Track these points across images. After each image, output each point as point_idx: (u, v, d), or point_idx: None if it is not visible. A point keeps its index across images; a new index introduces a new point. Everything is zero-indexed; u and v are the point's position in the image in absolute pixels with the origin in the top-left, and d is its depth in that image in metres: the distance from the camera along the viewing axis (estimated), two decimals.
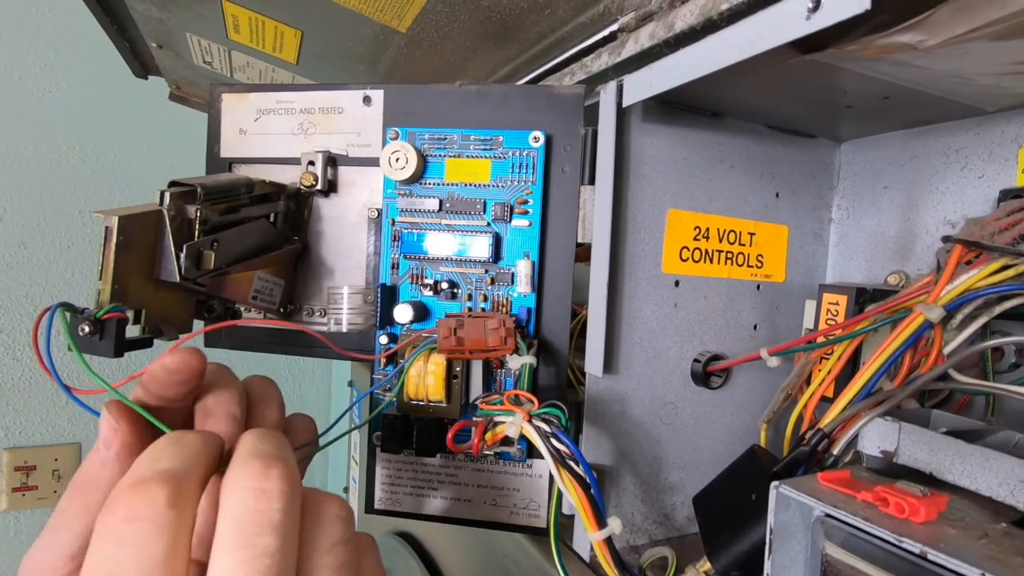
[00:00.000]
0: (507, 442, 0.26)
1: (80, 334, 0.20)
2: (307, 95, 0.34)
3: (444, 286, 0.32)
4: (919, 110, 0.32)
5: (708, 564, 0.26)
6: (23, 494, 1.04)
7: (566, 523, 0.33)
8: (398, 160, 0.31)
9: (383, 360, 0.32)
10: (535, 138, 0.31)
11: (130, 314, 0.23)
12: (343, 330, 0.31)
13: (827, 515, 0.20)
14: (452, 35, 0.39)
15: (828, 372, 0.29)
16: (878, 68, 0.25)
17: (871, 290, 0.30)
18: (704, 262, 0.34)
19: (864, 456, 0.24)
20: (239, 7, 0.43)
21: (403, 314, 0.31)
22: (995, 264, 0.24)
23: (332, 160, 0.34)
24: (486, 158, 0.31)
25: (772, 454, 0.29)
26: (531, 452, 0.31)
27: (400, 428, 0.31)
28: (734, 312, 0.36)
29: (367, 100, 0.33)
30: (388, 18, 0.39)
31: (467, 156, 0.31)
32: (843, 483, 0.21)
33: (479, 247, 0.31)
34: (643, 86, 0.28)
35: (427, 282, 0.32)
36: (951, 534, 0.18)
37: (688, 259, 0.34)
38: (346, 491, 1.01)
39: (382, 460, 0.33)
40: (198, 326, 0.31)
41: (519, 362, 0.28)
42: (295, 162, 0.34)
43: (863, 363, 0.26)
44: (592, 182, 0.31)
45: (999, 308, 0.26)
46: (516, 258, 0.31)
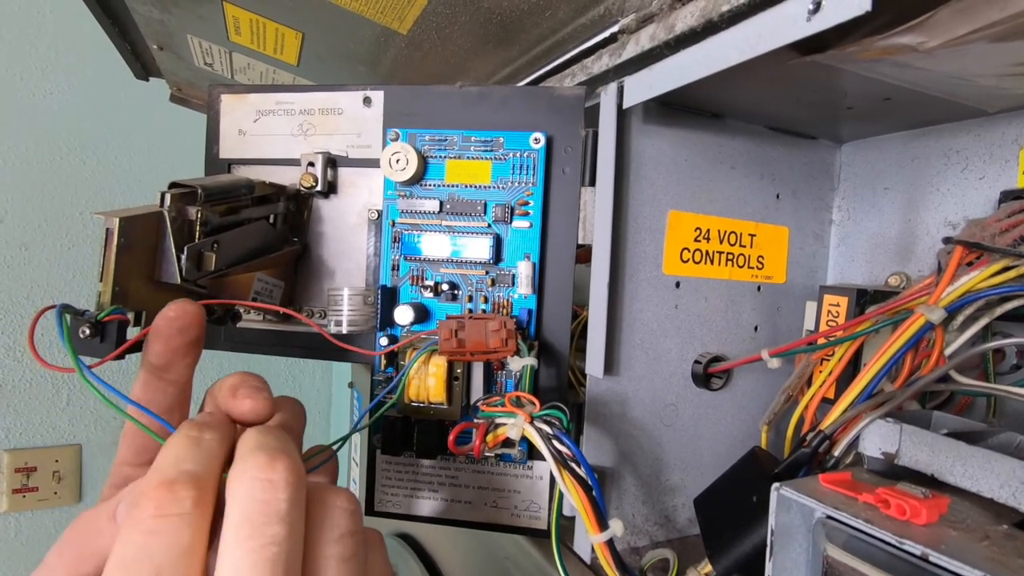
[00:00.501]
0: (508, 444, 0.26)
1: (81, 336, 0.20)
2: (307, 96, 0.34)
3: (444, 288, 0.32)
4: (920, 111, 0.32)
5: (709, 566, 0.26)
6: (23, 495, 1.04)
7: (567, 525, 0.33)
8: (398, 161, 0.31)
9: (383, 360, 0.32)
10: (536, 139, 0.31)
11: (131, 316, 0.23)
12: (343, 331, 0.31)
13: (828, 517, 0.20)
14: (453, 37, 0.39)
15: (829, 373, 0.29)
16: (879, 69, 0.25)
17: (872, 291, 0.30)
18: (705, 263, 0.34)
19: (865, 458, 0.24)
20: (240, 9, 0.44)
21: (404, 316, 0.31)
22: (996, 265, 0.24)
23: (332, 161, 0.34)
24: (487, 159, 0.31)
25: (773, 456, 0.29)
26: (532, 454, 0.31)
27: (401, 430, 0.31)
28: (735, 313, 0.36)
29: (367, 101, 0.33)
30: (389, 20, 0.39)
31: (468, 157, 0.31)
32: (844, 485, 0.21)
33: (479, 248, 0.31)
34: (644, 87, 0.28)
35: (427, 284, 0.32)
36: (952, 536, 0.18)
37: (689, 260, 0.34)
38: None
39: (382, 462, 0.33)
40: None
41: (520, 364, 0.28)
42: (295, 163, 0.34)
43: (864, 364, 0.26)
44: (593, 183, 0.31)
45: (1000, 309, 0.26)
46: (517, 259, 0.31)
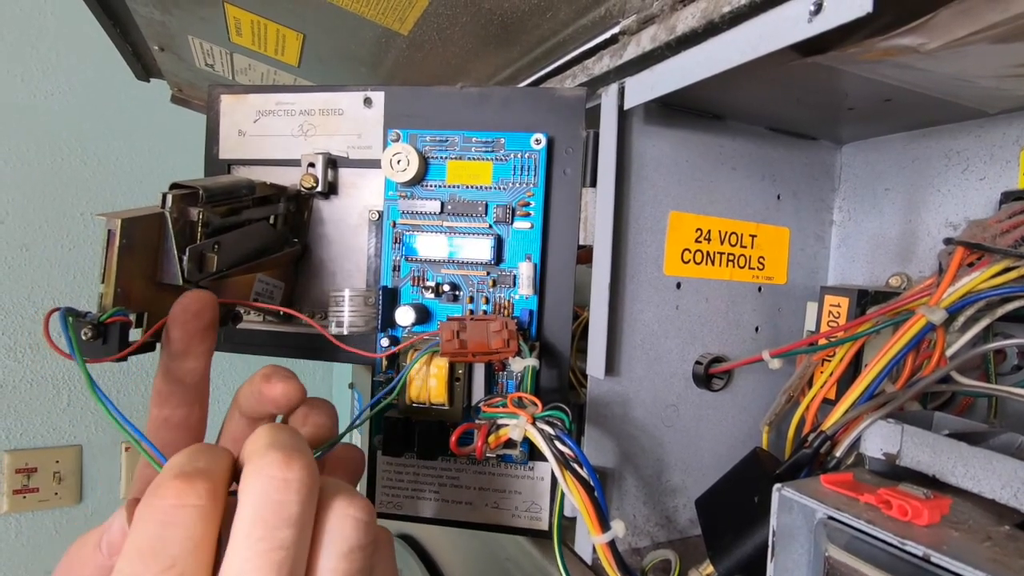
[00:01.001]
0: (509, 445, 0.26)
1: (83, 338, 0.20)
2: (307, 96, 0.34)
3: (446, 288, 0.32)
4: (920, 112, 0.32)
5: (711, 567, 0.26)
6: (24, 496, 1.04)
7: (568, 525, 0.33)
8: (399, 162, 0.31)
9: (384, 361, 0.32)
10: (537, 140, 0.31)
11: (133, 317, 0.23)
12: (344, 333, 0.31)
13: (830, 518, 0.20)
14: (454, 37, 0.39)
15: (830, 374, 0.29)
16: (880, 71, 0.25)
17: (873, 292, 0.30)
18: (706, 264, 0.34)
19: (867, 458, 0.24)
20: (241, 10, 0.44)
21: (405, 317, 0.31)
22: (997, 266, 0.24)
23: (332, 162, 0.34)
24: (488, 160, 0.31)
25: (774, 456, 0.29)
26: (533, 454, 0.31)
27: (402, 431, 0.31)
28: (736, 314, 0.36)
29: (368, 102, 0.33)
30: (390, 21, 0.39)
31: (468, 158, 0.31)
32: (846, 485, 0.21)
33: (480, 249, 0.31)
34: (645, 88, 0.28)
35: (428, 284, 0.32)
36: (954, 537, 0.18)
37: (690, 261, 0.34)
38: None
39: (383, 463, 0.33)
40: None
41: (521, 364, 0.28)
42: (295, 164, 0.34)
43: (865, 365, 0.26)
44: (594, 184, 0.31)
45: (1001, 310, 0.26)
46: (518, 260, 0.31)
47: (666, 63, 0.27)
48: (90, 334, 0.20)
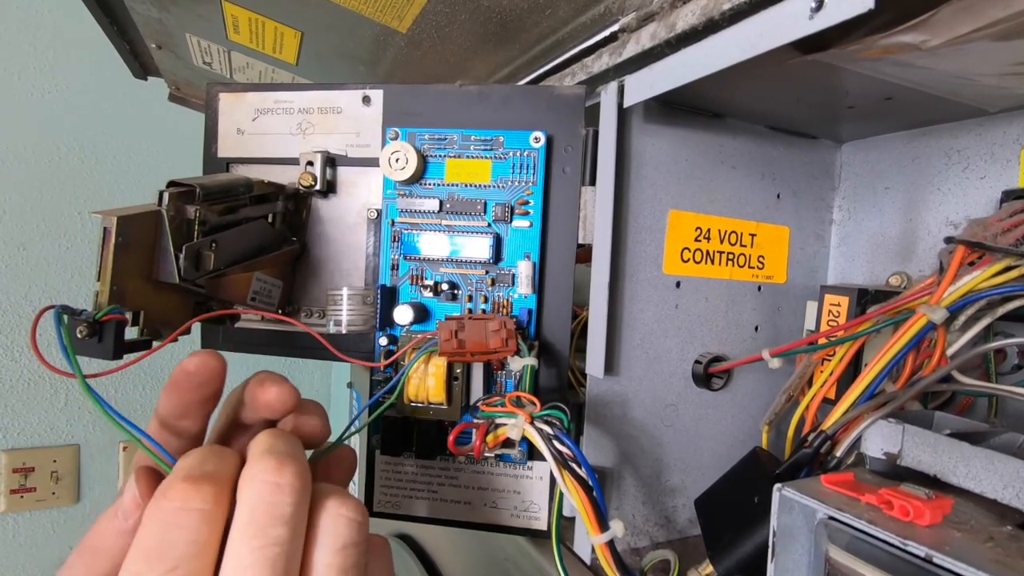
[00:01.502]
0: (508, 444, 0.26)
1: (78, 336, 0.20)
2: (305, 95, 0.34)
3: (444, 287, 0.32)
4: (921, 111, 0.32)
5: (710, 567, 0.26)
6: (21, 496, 1.04)
7: (567, 525, 0.33)
8: (398, 160, 0.31)
9: (382, 365, 0.32)
10: (536, 139, 0.31)
11: (129, 316, 0.23)
12: (342, 332, 0.31)
13: (831, 518, 0.20)
14: (452, 36, 0.39)
15: (830, 374, 0.28)
16: (880, 68, 0.25)
17: (873, 291, 0.30)
18: (705, 263, 0.34)
19: (867, 458, 0.24)
20: (239, 8, 0.43)
21: (403, 315, 0.31)
22: (998, 265, 0.23)
23: (331, 160, 0.34)
24: (487, 158, 0.31)
25: (774, 456, 0.29)
26: (532, 454, 0.31)
27: (400, 430, 0.31)
28: (735, 313, 0.36)
29: (366, 100, 0.33)
30: (388, 19, 0.39)
31: (467, 156, 0.31)
32: (846, 485, 0.21)
33: (479, 248, 0.31)
34: (644, 86, 0.28)
35: (427, 283, 0.32)
36: (956, 537, 0.18)
37: (689, 260, 0.33)
38: None
39: (382, 462, 0.33)
40: (196, 327, 0.31)
41: (520, 364, 0.28)
42: (293, 162, 0.34)
43: (865, 365, 0.25)
44: (593, 183, 0.31)
45: (1002, 309, 0.25)
46: (517, 259, 0.31)
47: (666, 61, 0.27)
48: (85, 332, 0.20)
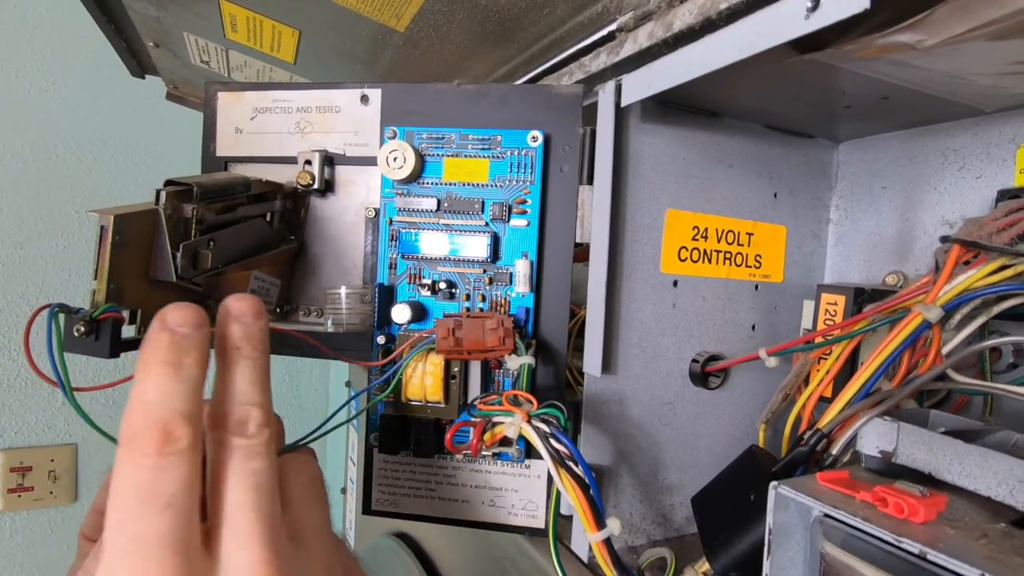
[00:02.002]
0: (505, 443, 0.26)
1: (75, 335, 0.20)
2: (304, 94, 0.34)
3: (442, 286, 0.32)
4: (917, 110, 0.32)
5: (707, 565, 0.26)
6: (19, 495, 1.03)
7: (564, 524, 0.33)
8: (396, 159, 0.31)
9: (380, 363, 0.32)
10: (533, 138, 0.31)
11: (126, 314, 0.23)
12: (341, 330, 0.31)
13: (826, 515, 0.20)
14: (450, 34, 0.39)
15: (826, 372, 0.29)
16: (877, 68, 0.25)
17: (869, 290, 0.30)
18: (702, 262, 0.34)
19: (863, 456, 0.24)
20: (237, 6, 0.43)
21: (401, 314, 0.31)
22: (993, 264, 0.24)
23: (329, 159, 0.34)
24: (484, 158, 0.31)
25: (771, 454, 0.29)
26: (529, 452, 0.31)
27: (398, 429, 0.31)
28: (732, 312, 0.36)
29: (364, 99, 0.33)
30: (386, 17, 0.39)
31: (465, 156, 0.31)
32: (842, 483, 0.21)
33: (477, 247, 0.31)
34: (642, 86, 0.28)
35: (425, 282, 0.32)
36: (950, 534, 0.18)
37: (687, 259, 0.34)
38: (344, 492, 1.01)
39: (380, 461, 0.33)
40: None
41: (518, 362, 0.28)
42: (292, 161, 0.34)
43: (861, 363, 0.26)
44: (590, 182, 0.31)
45: (997, 308, 0.26)
46: (514, 258, 0.31)
47: (663, 60, 0.27)
48: (83, 330, 0.20)
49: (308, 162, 0.33)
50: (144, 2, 0.47)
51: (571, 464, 0.23)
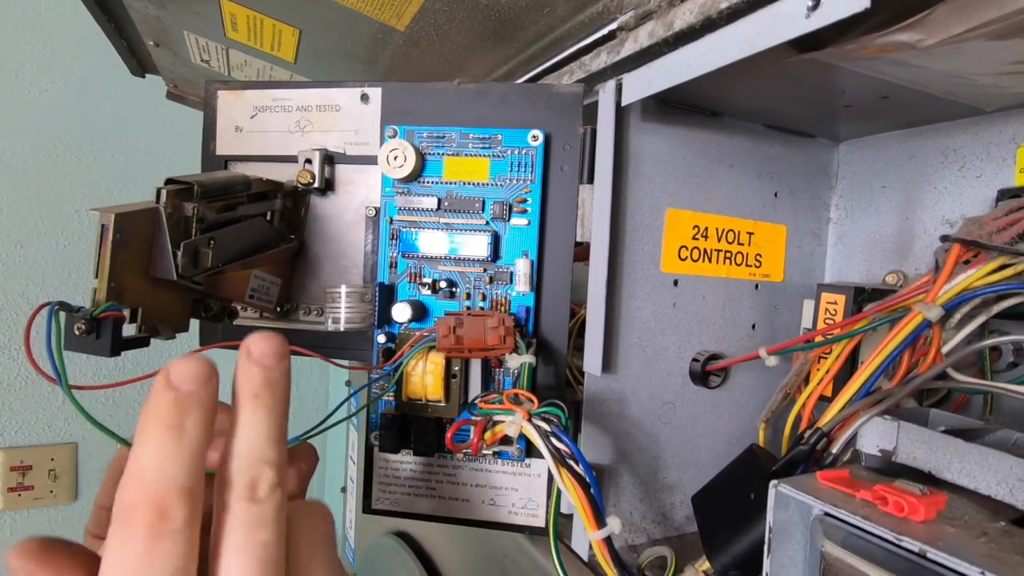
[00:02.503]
0: (506, 441, 0.26)
1: (76, 333, 0.20)
2: (304, 92, 0.34)
3: (443, 285, 0.32)
4: (917, 110, 0.32)
5: (707, 563, 0.26)
6: (19, 494, 1.03)
7: (564, 523, 0.33)
8: (396, 158, 0.31)
9: (381, 359, 0.32)
10: (534, 137, 0.31)
11: (126, 313, 0.23)
12: (340, 329, 0.31)
13: (826, 514, 0.20)
14: (451, 34, 0.39)
15: (826, 371, 0.29)
16: (877, 67, 0.25)
17: (869, 289, 0.30)
18: (703, 261, 0.34)
19: (863, 455, 0.24)
20: (237, 5, 0.43)
21: (401, 313, 0.31)
22: (993, 263, 0.24)
23: (329, 158, 0.34)
24: (485, 157, 0.31)
25: (771, 453, 0.29)
26: (530, 451, 0.31)
27: (398, 428, 0.31)
28: (732, 311, 0.36)
29: (365, 98, 0.33)
30: (387, 16, 0.39)
31: (466, 154, 0.31)
32: (842, 482, 0.21)
33: (478, 246, 0.31)
34: (642, 85, 0.28)
35: (425, 281, 0.32)
36: (950, 533, 0.18)
37: (687, 258, 0.34)
38: (344, 491, 1.01)
39: (380, 460, 0.33)
40: (194, 325, 0.31)
41: (518, 361, 0.28)
42: (292, 160, 0.34)
43: (861, 362, 0.26)
44: (591, 181, 0.31)
45: (997, 307, 0.26)
46: (515, 257, 0.31)
47: (663, 59, 0.27)
48: (83, 328, 0.20)
49: (308, 161, 0.33)
50: (144, 1, 0.47)
51: (571, 463, 0.23)
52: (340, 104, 0.34)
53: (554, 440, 0.24)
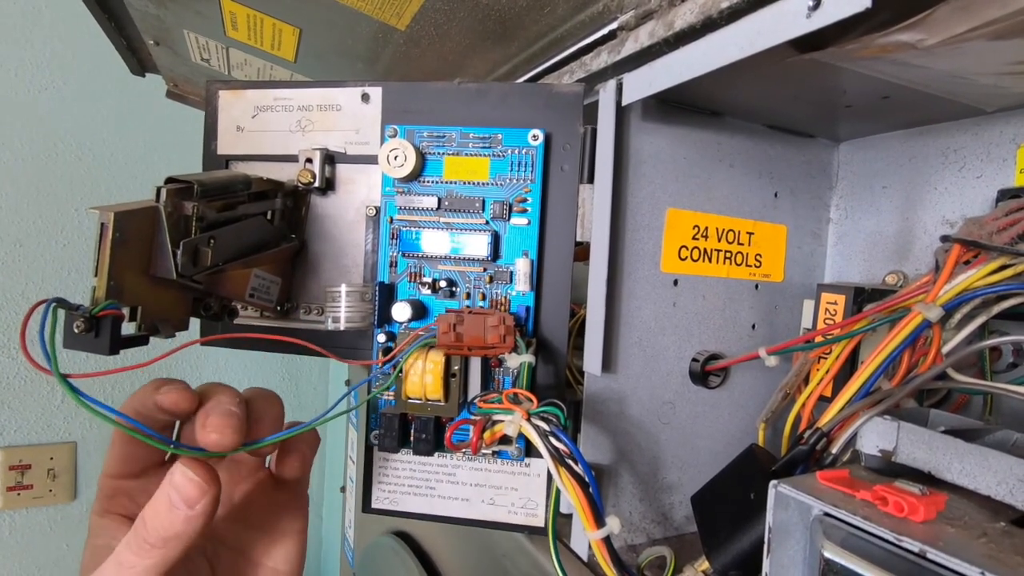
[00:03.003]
0: (505, 441, 0.26)
1: (75, 331, 0.20)
2: (305, 92, 0.34)
3: (443, 284, 0.32)
4: (918, 110, 0.32)
5: (707, 563, 0.26)
6: (18, 493, 1.03)
7: (564, 522, 0.33)
8: (396, 158, 0.31)
9: (380, 364, 0.32)
10: (534, 136, 0.31)
11: (126, 311, 0.23)
12: (340, 328, 0.31)
13: (826, 514, 0.20)
14: (451, 33, 0.39)
15: (826, 371, 0.29)
16: (877, 67, 0.25)
17: (869, 290, 0.30)
18: (703, 261, 0.34)
19: (863, 455, 0.24)
20: (237, 4, 0.43)
21: (401, 312, 0.31)
22: (993, 264, 0.24)
23: (330, 157, 0.34)
24: (485, 156, 0.31)
25: (771, 453, 0.29)
26: (529, 451, 0.31)
27: (397, 427, 0.31)
28: (732, 311, 0.36)
29: (365, 97, 0.33)
30: (387, 16, 0.39)
31: (466, 154, 0.31)
32: (842, 482, 0.21)
33: (478, 245, 0.31)
34: (643, 84, 0.28)
35: (425, 280, 0.32)
36: (950, 533, 0.18)
37: (687, 258, 0.34)
38: (343, 491, 1.01)
39: (379, 459, 0.33)
40: (194, 323, 0.31)
41: (518, 361, 0.28)
42: (292, 159, 0.34)
43: (861, 362, 0.26)
44: (591, 181, 0.31)
45: (997, 308, 0.26)
46: (515, 256, 0.31)
47: (664, 59, 0.27)
48: (82, 327, 0.20)
49: (309, 160, 0.33)
50: (144, 0, 0.47)
51: (571, 463, 0.23)
52: (341, 104, 0.34)
53: (553, 440, 0.24)
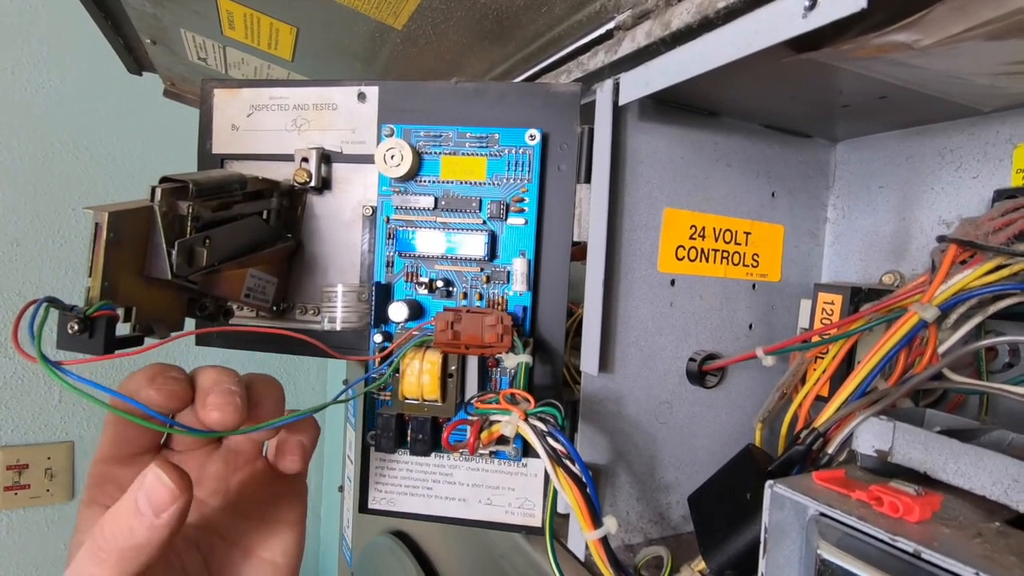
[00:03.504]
0: (502, 441, 0.26)
1: (69, 332, 0.20)
2: (301, 91, 0.34)
3: (439, 284, 0.31)
4: (915, 110, 0.32)
5: (703, 563, 0.26)
6: (15, 493, 1.03)
7: (561, 522, 0.33)
8: (393, 157, 0.31)
9: (377, 360, 0.32)
10: (531, 136, 0.31)
11: (120, 312, 0.23)
12: (337, 328, 0.31)
13: (822, 514, 0.20)
14: (448, 32, 0.39)
15: (823, 371, 0.29)
16: (874, 67, 0.25)
17: (866, 289, 0.30)
18: (700, 261, 0.34)
19: (859, 455, 0.24)
20: (234, 3, 0.43)
21: (398, 312, 0.31)
22: (989, 264, 0.24)
23: (326, 157, 0.34)
24: (482, 156, 0.31)
25: (767, 453, 0.29)
26: (526, 451, 0.31)
27: (395, 427, 0.31)
28: (730, 311, 0.36)
29: (362, 97, 0.33)
30: (384, 15, 0.39)
31: (463, 154, 0.31)
32: (838, 482, 0.21)
33: (475, 245, 0.31)
34: (639, 84, 0.28)
35: (422, 280, 0.32)
36: (945, 533, 0.18)
37: (684, 258, 0.34)
38: (341, 490, 1.01)
39: (376, 459, 0.33)
40: (190, 324, 0.31)
41: (515, 361, 0.28)
42: (288, 159, 0.33)
43: (858, 362, 0.26)
44: (588, 180, 0.31)
45: (993, 308, 0.26)
46: (512, 256, 0.31)
47: (661, 59, 0.27)
48: (76, 327, 0.20)
49: (305, 159, 0.33)
50: None
51: (568, 463, 0.23)
52: (337, 103, 0.34)
53: (550, 440, 0.24)
